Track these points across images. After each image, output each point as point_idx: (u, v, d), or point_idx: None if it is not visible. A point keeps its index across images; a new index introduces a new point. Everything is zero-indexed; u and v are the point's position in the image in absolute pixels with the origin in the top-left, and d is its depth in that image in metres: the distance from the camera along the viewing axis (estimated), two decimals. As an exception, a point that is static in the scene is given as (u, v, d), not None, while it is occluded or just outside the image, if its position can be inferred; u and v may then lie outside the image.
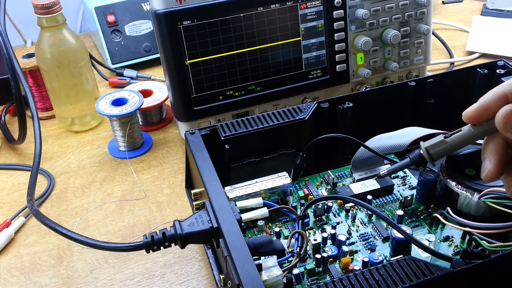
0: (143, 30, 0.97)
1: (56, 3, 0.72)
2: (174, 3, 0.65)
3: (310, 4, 0.71)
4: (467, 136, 0.38)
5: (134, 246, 0.47)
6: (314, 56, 0.74)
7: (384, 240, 0.53)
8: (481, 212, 0.52)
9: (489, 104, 0.37)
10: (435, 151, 0.39)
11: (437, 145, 0.39)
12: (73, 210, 0.66)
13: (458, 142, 0.38)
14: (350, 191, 0.58)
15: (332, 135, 0.56)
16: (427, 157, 0.39)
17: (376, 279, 0.40)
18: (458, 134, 0.38)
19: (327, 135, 0.56)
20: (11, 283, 0.56)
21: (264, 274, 0.43)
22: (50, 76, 0.77)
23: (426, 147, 0.39)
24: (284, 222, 0.56)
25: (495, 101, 0.37)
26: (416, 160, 0.40)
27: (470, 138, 0.38)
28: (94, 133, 0.81)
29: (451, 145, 0.38)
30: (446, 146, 0.38)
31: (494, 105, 0.37)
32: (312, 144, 0.57)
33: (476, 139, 0.38)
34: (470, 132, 0.38)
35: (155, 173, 0.72)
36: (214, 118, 0.72)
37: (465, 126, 0.38)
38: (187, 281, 0.55)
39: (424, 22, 0.78)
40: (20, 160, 0.76)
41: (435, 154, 0.39)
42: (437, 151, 0.39)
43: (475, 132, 0.38)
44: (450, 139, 0.38)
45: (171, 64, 0.67)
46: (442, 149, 0.39)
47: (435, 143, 0.39)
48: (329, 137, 0.56)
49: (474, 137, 0.38)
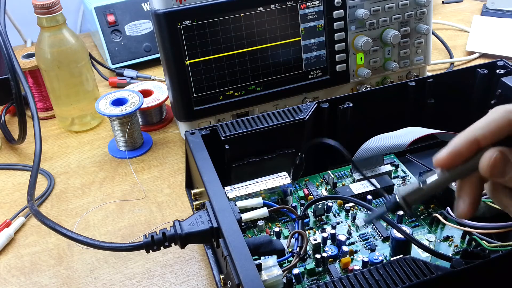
0: (143, 30, 0.97)
1: (56, 3, 0.72)
2: (174, 3, 0.65)
3: (310, 4, 0.71)
4: (441, 181, 0.39)
5: (134, 246, 0.47)
6: (314, 56, 0.74)
7: (384, 240, 0.53)
8: (481, 212, 0.52)
9: (461, 149, 0.37)
10: (412, 199, 0.40)
11: (414, 193, 0.40)
12: (73, 210, 0.66)
13: (433, 188, 0.39)
14: (350, 191, 0.58)
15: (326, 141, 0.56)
16: (404, 205, 0.40)
17: (376, 279, 0.40)
18: (433, 181, 0.39)
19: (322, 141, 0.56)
20: (11, 283, 0.56)
21: (264, 274, 0.44)
22: (50, 76, 0.77)
23: (403, 196, 0.40)
24: (284, 222, 0.56)
25: (467, 146, 0.37)
26: (393, 207, 0.41)
27: (445, 182, 0.39)
28: (94, 133, 0.81)
29: (427, 191, 0.39)
30: (422, 193, 0.39)
31: (465, 151, 0.37)
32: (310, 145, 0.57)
33: (450, 182, 0.39)
34: (444, 177, 0.39)
35: (155, 173, 0.72)
36: (214, 118, 0.72)
37: (438, 170, 0.39)
38: (187, 281, 0.55)
39: (424, 22, 0.78)
40: (20, 160, 0.76)
41: (412, 201, 0.40)
42: (413, 198, 0.40)
43: (449, 176, 0.38)
44: (426, 186, 0.39)
45: (171, 64, 0.67)
46: (419, 196, 0.40)
47: (412, 191, 0.40)
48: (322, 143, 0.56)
49: (448, 181, 0.39)
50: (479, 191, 0.38)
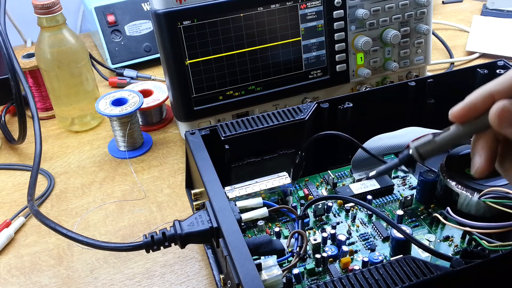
0: (143, 30, 0.97)
1: (56, 3, 0.72)
2: (174, 3, 0.65)
3: (310, 4, 0.71)
4: (455, 134, 0.38)
5: (134, 246, 0.47)
6: (314, 56, 0.74)
7: (384, 240, 0.53)
8: (481, 212, 0.52)
9: (476, 103, 0.37)
10: (425, 150, 0.39)
11: (427, 144, 0.39)
12: (73, 210, 0.66)
13: (447, 140, 0.38)
14: (350, 191, 0.58)
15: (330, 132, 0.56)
16: (417, 157, 0.39)
17: (376, 278, 0.40)
18: (447, 133, 0.38)
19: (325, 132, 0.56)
20: (11, 283, 0.56)
21: (264, 273, 0.43)
22: (50, 76, 0.77)
23: (416, 147, 0.39)
24: (284, 222, 0.56)
25: (482, 100, 0.37)
26: (406, 160, 0.40)
27: (459, 136, 0.38)
28: (94, 133, 0.81)
29: (441, 144, 0.38)
30: (435, 145, 0.38)
31: (480, 104, 0.37)
32: (311, 141, 0.57)
33: (465, 138, 0.38)
34: (458, 130, 0.38)
35: (155, 173, 0.72)
36: (214, 118, 0.72)
37: (453, 125, 0.38)
38: (187, 281, 0.55)
39: (424, 22, 0.78)
40: (20, 160, 0.76)
41: (425, 153, 0.39)
42: (427, 150, 0.39)
43: (463, 131, 0.38)
44: (439, 138, 0.38)
45: (171, 64, 0.67)
46: (432, 148, 0.39)
47: (425, 142, 0.39)
48: (327, 134, 0.56)
49: (462, 135, 0.38)
50: (495, 147, 0.37)
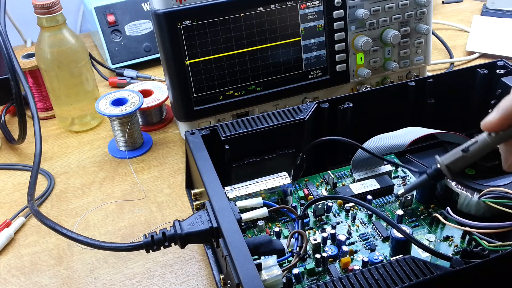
0: (143, 30, 0.97)
1: (56, 3, 0.72)
2: (174, 3, 0.65)
3: (310, 4, 0.71)
4: (486, 145, 0.38)
5: (134, 246, 0.47)
6: (314, 56, 0.74)
7: (384, 240, 0.53)
8: (481, 212, 0.52)
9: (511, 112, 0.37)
10: (457, 166, 0.39)
11: (459, 161, 0.38)
12: (73, 210, 0.66)
13: (477, 153, 0.38)
14: (350, 191, 0.58)
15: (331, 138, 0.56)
16: (448, 173, 0.39)
17: (376, 278, 0.40)
18: (477, 146, 0.38)
19: (327, 138, 0.56)
20: (11, 283, 0.56)
21: (264, 273, 0.43)
22: (50, 76, 0.77)
23: (447, 164, 0.39)
24: (284, 222, 0.56)
25: None
26: (435, 176, 0.40)
27: (489, 146, 0.38)
28: (94, 133, 0.81)
29: (472, 157, 0.38)
30: (466, 159, 0.38)
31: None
32: (312, 146, 0.57)
33: (494, 147, 0.38)
34: (489, 141, 0.38)
35: (155, 173, 0.72)
36: (214, 118, 0.72)
37: (482, 135, 0.38)
38: (187, 281, 0.55)
39: (424, 22, 0.78)
40: (20, 160, 0.77)
41: (456, 168, 0.39)
42: (458, 166, 0.39)
43: (494, 140, 0.38)
44: (471, 152, 0.38)
45: (171, 64, 0.67)
46: (463, 162, 0.38)
47: (456, 159, 0.38)
48: (329, 140, 0.56)
49: (492, 145, 0.38)
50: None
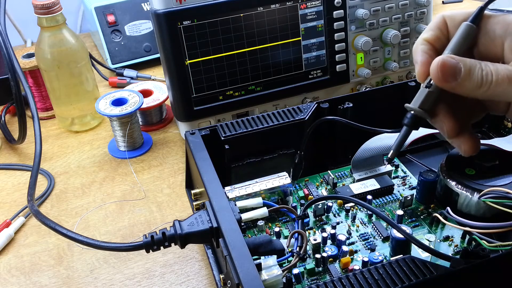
0: (143, 30, 0.97)
1: (56, 3, 0.72)
2: (174, 3, 0.65)
3: (310, 4, 0.71)
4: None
5: (134, 246, 0.47)
6: (314, 56, 0.74)
7: (384, 240, 0.53)
8: (481, 212, 0.52)
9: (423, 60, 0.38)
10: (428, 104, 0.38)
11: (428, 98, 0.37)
12: (73, 210, 0.66)
13: (435, 87, 0.38)
14: (350, 191, 0.58)
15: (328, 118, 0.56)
16: (424, 114, 0.38)
17: (376, 278, 0.40)
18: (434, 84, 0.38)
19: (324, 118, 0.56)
20: (11, 283, 0.56)
21: (264, 273, 0.43)
22: (50, 76, 0.77)
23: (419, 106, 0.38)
24: (284, 222, 0.56)
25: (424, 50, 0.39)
26: (414, 123, 0.39)
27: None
28: (94, 133, 0.81)
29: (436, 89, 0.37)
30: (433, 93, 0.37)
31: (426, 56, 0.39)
32: (309, 133, 0.57)
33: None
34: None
35: (155, 173, 0.72)
36: (214, 118, 0.72)
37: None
38: (187, 281, 0.55)
39: (424, 22, 0.78)
40: (20, 160, 0.76)
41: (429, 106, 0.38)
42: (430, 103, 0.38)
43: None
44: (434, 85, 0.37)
45: (171, 64, 0.67)
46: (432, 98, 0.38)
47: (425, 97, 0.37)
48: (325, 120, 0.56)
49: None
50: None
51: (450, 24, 0.39)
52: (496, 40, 0.37)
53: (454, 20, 0.39)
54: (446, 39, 0.39)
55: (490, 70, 0.35)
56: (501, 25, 0.37)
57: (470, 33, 0.38)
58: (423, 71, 0.38)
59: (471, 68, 0.35)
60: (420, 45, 0.39)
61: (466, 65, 0.35)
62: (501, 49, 0.36)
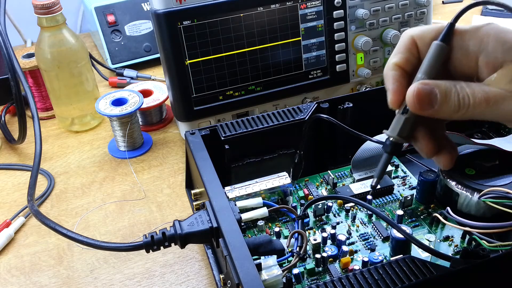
0: (143, 30, 0.97)
1: (56, 3, 0.72)
2: (174, 3, 0.65)
3: (310, 4, 0.71)
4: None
5: (134, 246, 0.47)
6: (314, 56, 0.74)
7: (384, 240, 0.53)
8: (481, 212, 0.52)
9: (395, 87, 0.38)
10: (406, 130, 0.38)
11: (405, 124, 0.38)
12: (73, 210, 0.66)
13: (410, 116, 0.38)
14: (350, 191, 0.58)
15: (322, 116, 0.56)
16: (402, 140, 0.38)
17: (376, 278, 0.40)
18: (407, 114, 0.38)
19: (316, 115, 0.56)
20: (11, 283, 0.56)
21: (264, 273, 0.43)
22: (50, 76, 0.77)
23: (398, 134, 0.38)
24: (284, 222, 0.56)
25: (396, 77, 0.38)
26: (394, 149, 0.39)
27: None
28: (94, 133, 0.81)
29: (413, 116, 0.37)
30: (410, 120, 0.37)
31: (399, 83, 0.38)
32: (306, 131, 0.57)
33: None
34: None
35: (155, 173, 0.72)
36: (214, 118, 0.72)
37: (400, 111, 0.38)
38: (187, 281, 0.55)
39: (424, 22, 0.78)
40: (20, 160, 0.77)
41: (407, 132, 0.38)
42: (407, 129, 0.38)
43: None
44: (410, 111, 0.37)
45: (171, 64, 0.67)
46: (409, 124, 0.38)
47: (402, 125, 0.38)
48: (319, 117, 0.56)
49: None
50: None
51: (420, 44, 0.37)
52: (470, 55, 0.36)
53: (423, 39, 0.37)
54: (417, 60, 0.38)
55: (467, 93, 0.34)
56: (474, 40, 0.35)
57: (442, 53, 0.36)
58: (395, 99, 0.38)
59: (447, 94, 0.34)
60: (390, 71, 0.38)
61: (441, 90, 0.34)
62: (475, 64, 0.35)
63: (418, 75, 0.37)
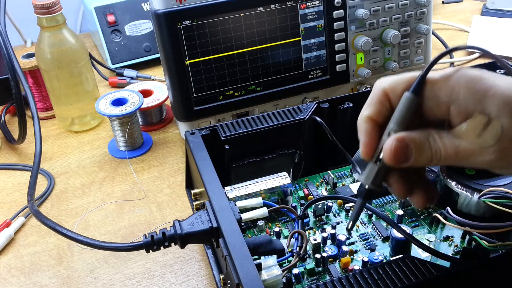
0: (143, 30, 0.97)
1: (56, 3, 0.72)
2: (174, 3, 0.65)
3: (310, 4, 0.71)
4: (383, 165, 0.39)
5: (134, 246, 0.47)
6: (314, 56, 0.74)
7: (384, 240, 0.53)
8: (481, 212, 0.52)
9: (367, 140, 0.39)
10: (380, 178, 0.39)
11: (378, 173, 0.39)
12: (73, 210, 0.66)
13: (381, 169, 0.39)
14: (350, 191, 0.58)
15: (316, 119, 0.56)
16: (376, 188, 0.39)
17: (376, 278, 0.40)
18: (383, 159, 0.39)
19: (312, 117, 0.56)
20: (11, 283, 0.56)
21: (264, 273, 0.43)
22: (50, 76, 0.77)
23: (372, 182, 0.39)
24: (284, 222, 0.56)
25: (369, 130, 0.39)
26: (368, 195, 0.40)
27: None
28: (94, 133, 0.81)
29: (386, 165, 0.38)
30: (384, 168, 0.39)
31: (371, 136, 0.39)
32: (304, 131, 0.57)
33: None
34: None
35: (155, 173, 0.72)
36: (214, 118, 0.72)
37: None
38: (187, 281, 0.55)
39: (424, 22, 0.78)
40: (20, 160, 0.77)
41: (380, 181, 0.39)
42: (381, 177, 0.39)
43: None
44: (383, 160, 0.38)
45: (171, 64, 0.67)
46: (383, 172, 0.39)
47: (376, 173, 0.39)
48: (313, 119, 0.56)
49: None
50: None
51: (392, 96, 0.38)
52: (441, 105, 0.36)
53: (395, 91, 0.38)
54: (389, 112, 0.38)
55: (439, 146, 0.36)
56: (444, 91, 0.36)
57: (413, 104, 0.37)
58: (367, 152, 0.39)
59: (421, 148, 0.36)
60: (363, 123, 0.39)
61: (416, 145, 0.36)
62: (447, 112, 0.36)
63: (390, 125, 0.38)
